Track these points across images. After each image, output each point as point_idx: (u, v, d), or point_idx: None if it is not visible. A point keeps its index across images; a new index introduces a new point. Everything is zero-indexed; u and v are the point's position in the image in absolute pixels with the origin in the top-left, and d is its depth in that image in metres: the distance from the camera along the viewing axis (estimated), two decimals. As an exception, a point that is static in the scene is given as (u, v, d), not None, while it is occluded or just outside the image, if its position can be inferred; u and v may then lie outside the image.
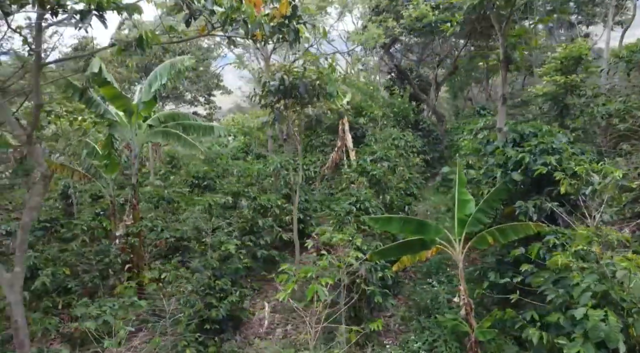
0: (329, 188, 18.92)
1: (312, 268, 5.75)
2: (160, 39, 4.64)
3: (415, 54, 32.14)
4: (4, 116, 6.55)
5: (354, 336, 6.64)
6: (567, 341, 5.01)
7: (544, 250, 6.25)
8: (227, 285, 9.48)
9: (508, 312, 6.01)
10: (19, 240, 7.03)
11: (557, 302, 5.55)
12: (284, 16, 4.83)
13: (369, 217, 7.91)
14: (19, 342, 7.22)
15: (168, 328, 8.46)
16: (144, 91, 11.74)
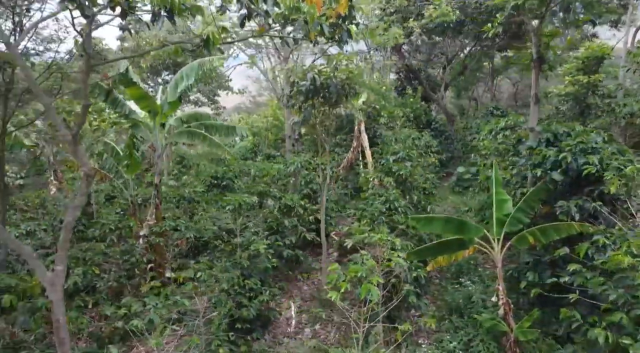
0: (343, 188, 18.93)
1: (361, 268, 5.76)
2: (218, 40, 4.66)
3: (424, 54, 32.19)
4: (52, 116, 6.60)
5: (400, 335, 6.65)
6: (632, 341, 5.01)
7: (593, 249, 6.24)
8: (257, 285, 9.51)
9: (564, 312, 6.00)
10: (62, 239, 7.08)
11: (620, 302, 5.55)
12: (339, 16, 4.86)
13: (412, 217, 7.93)
14: (60, 340, 7.26)
15: (202, 328, 8.49)
16: (169, 91, 11.79)
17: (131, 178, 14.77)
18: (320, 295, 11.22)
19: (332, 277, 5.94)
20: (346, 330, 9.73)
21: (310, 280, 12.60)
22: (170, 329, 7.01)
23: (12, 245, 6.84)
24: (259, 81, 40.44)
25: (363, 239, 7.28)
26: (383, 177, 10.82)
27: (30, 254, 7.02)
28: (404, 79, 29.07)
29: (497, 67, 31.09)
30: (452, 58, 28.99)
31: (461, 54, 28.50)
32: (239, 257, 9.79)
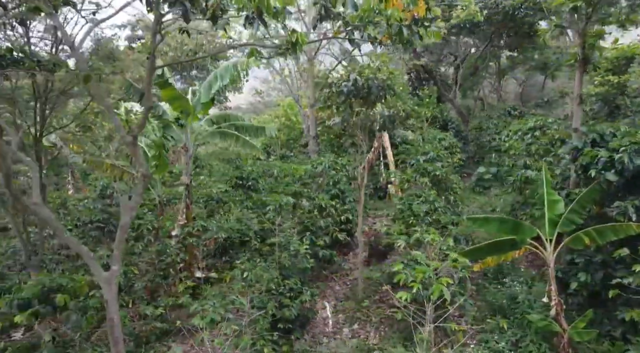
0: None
1: (428, 269, 5.78)
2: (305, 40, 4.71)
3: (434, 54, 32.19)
4: (113, 118, 6.68)
5: (461, 336, 6.67)
6: None
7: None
8: (297, 285, 9.56)
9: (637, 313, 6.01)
10: (118, 240, 7.16)
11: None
12: (414, 19, 4.90)
13: (468, 217, 7.97)
14: (114, 338, 7.35)
15: (247, 327, 8.55)
16: (202, 92, 11.86)
17: (159, 178, 14.88)
18: (355, 295, 11.28)
19: (401, 277, 5.97)
20: (387, 330, 9.78)
21: (341, 279, 12.65)
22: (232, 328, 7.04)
23: (71, 245, 6.92)
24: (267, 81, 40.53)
25: (417, 239, 7.29)
26: (418, 177, 10.84)
27: (88, 254, 7.10)
28: (415, 79, 29.07)
29: (503, 67, 31.07)
30: (464, 58, 28.99)
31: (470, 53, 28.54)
32: (277, 257, 9.85)
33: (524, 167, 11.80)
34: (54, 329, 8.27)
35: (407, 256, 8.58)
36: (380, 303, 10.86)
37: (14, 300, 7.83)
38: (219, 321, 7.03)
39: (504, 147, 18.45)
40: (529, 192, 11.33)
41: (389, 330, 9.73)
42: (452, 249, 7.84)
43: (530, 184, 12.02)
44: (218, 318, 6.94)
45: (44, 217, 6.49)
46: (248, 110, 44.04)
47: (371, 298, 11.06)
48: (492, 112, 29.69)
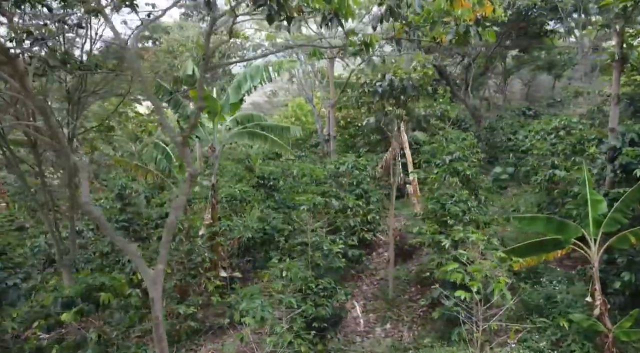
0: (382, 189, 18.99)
1: (482, 267, 5.81)
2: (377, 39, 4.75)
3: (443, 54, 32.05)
4: (162, 118, 6.74)
5: (513, 335, 6.70)
6: None
7: None
8: (330, 284, 9.60)
9: None
10: (164, 239, 7.21)
11: None
12: (474, 20, 4.93)
13: (514, 216, 8.00)
14: (158, 336, 7.40)
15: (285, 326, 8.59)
16: (230, 93, 11.92)
17: (182, 178, 14.96)
18: (385, 294, 11.31)
19: (457, 277, 5.99)
20: (420, 330, 9.80)
21: (368, 279, 12.68)
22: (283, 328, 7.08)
23: (119, 243, 6.98)
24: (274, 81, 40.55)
25: (461, 239, 7.32)
26: (448, 177, 10.86)
27: (135, 252, 7.15)
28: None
29: (509, 67, 31.06)
30: (474, 58, 28.98)
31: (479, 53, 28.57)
32: (310, 257, 9.89)
33: (552, 167, 11.79)
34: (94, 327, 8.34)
35: (445, 255, 8.60)
36: (410, 303, 10.89)
37: (59, 298, 7.93)
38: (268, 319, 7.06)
39: (523, 147, 18.46)
40: (557, 191, 11.33)
41: (422, 330, 9.76)
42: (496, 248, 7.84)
43: (556, 184, 12.03)
44: (269, 316, 6.96)
45: (95, 216, 6.55)
46: (254, 110, 44.11)
47: (401, 298, 11.09)
48: (499, 112, 29.66)
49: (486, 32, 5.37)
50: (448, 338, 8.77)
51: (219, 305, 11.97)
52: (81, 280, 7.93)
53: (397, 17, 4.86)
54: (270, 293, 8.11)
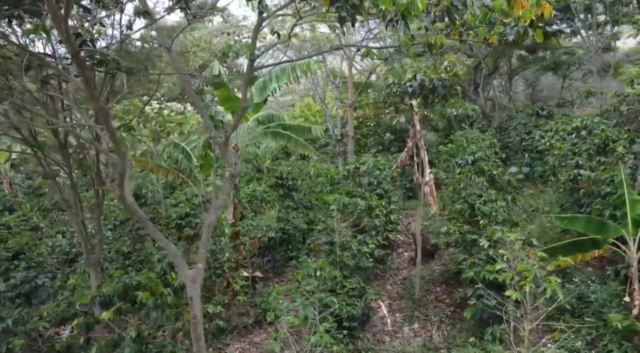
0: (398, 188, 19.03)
1: (530, 267, 5.82)
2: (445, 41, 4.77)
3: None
4: (205, 119, 6.78)
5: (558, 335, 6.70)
6: None
7: None
8: (359, 284, 9.63)
9: None
10: (204, 238, 7.26)
11: None
12: (531, 21, 4.95)
13: (556, 216, 8.03)
14: (197, 335, 7.45)
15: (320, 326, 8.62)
16: (254, 92, 11.96)
17: (202, 178, 15.04)
18: (410, 293, 11.33)
19: (506, 276, 6.02)
20: (449, 330, 9.82)
21: (391, 279, 12.70)
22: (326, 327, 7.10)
23: (160, 242, 7.02)
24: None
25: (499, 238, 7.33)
26: (475, 177, 10.87)
27: (175, 251, 7.21)
28: (437, 79, 29.07)
29: (514, 67, 31.03)
30: (484, 57, 28.94)
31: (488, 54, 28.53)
32: (339, 257, 9.93)
33: (576, 167, 11.79)
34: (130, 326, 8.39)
35: (478, 255, 8.62)
36: (437, 303, 10.91)
37: (96, 297, 7.98)
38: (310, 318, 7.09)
39: (540, 146, 18.44)
40: (583, 191, 11.33)
41: (451, 330, 9.78)
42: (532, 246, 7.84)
43: (578, 184, 12.01)
44: (312, 315, 7.00)
45: (140, 216, 6.60)
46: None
47: (427, 298, 11.11)
48: (504, 112, 29.61)
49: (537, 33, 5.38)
50: (480, 337, 8.80)
51: (241, 305, 12.04)
52: (118, 279, 7.98)
53: (454, 18, 4.89)
54: (301, 292, 8.12)
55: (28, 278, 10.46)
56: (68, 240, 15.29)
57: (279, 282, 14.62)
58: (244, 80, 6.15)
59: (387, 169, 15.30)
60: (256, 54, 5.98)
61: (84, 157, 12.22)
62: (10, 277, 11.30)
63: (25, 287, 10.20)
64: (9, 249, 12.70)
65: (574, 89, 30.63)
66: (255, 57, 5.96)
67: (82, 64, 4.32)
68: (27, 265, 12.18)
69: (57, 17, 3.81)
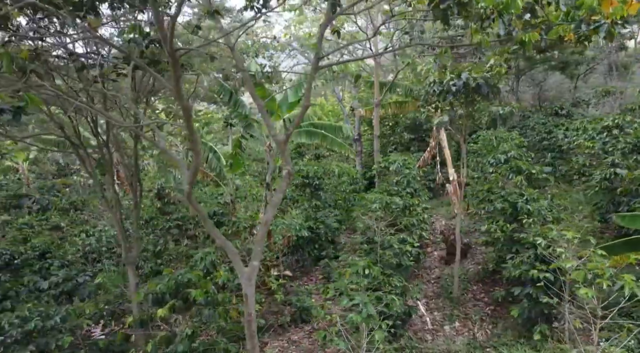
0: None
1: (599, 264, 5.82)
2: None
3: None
4: (265, 117, 6.82)
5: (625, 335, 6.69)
6: None
7: None
8: (401, 282, 9.65)
9: None
10: (259, 236, 7.30)
11: None
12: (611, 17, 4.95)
13: (617, 215, 8.02)
14: (250, 332, 7.50)
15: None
16: (290, 91, 12.02)
17: (232, 177, 15.11)
18: (447, 292, 11.34)
19: (581, 274, 6.02)
20: (491, 328, 9.82)
21: (424, 277, 12.71)
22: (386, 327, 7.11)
23: (218, 240, 7.07)
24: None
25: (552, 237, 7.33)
26: (511, 176, 10.86)
27: (233, 250, 7.25)
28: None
29: (521, 67, 30.91)
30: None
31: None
32: (379, 255, 9.95)
33: (612, 166, 11.76)
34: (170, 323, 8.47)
35: (527, 253, 8.61)
36: (475, 301, 10.91)
37: (149, 294, 8.04)
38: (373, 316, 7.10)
39: (565, 145, 18.39)
40: (620, 190, 11.30)
41: (493, 328, 9.78)
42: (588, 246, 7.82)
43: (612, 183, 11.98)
44: (375, 313, 7.02)
45: (201, 213, 6.65)
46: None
47: (464, 296, 11.11)
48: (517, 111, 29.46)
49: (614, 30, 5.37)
50: (527, 336, 8.80)
51: (276, 303, 12.08)
52: (171, 276, 8.04)
53: (536, 16, 4.89)
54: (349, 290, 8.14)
55: (69, 276, 10.53)
56: (96, 239, 15.40)
57: (308, 281, 14.67)
58: (309, 78, 6.18)
59: (414, 168, 15.31)
60: (322, 52, 6.01)
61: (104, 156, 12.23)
62: (51, 275, 11.42)
63: (68, 285, 10.26)
64: (35, 248, 12.82)
65: (591, 88, 30.48)
66: (322, 55, 5.99)
67: (177, 62, 4.36)
68: (60, 264, 12.29)
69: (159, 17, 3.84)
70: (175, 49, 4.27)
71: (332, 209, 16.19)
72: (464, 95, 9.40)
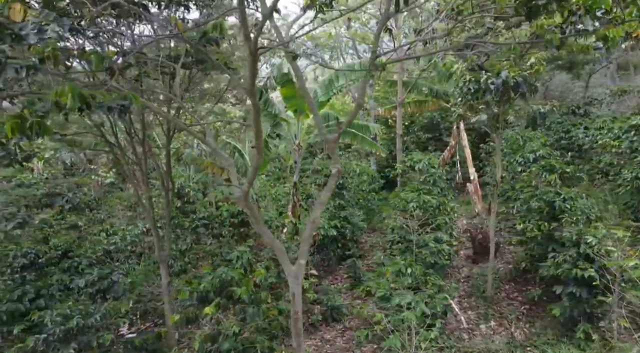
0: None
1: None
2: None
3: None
4: (315, 115, 6.82)
5: None
6: None
7: None
8: (439, 281, 9.64)
9: None
10: (306, 234, 7.31)
11: None
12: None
13: None
14: (297, 330, 7.51)
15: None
16: (319, 90, 12.01)
17: (259, 175, 15.11)
18: (479, 291, 11.30)
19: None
20: (528, 327, 9.79)
21: (454, 276, 12.68)
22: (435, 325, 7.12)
23: (266, 239, 7.08)
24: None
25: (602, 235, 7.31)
26: (544, 174, 10.82)
27: (281, 248, 7.27)
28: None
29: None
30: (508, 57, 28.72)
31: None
32: (416, 254, 9.95)
33: (643, 165, 11.70)
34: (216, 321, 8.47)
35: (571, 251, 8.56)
36: (509, 300, 10.87)
37: (194, 293, 8.06)
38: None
39: (587, 145, 18.29)
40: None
41: (530, 327, 9.74)
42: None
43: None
44: (428, 311, 7.02)
45: (254, 212, 6.67)
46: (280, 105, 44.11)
47: (498, 296, 11.08)
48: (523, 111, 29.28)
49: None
50: (568, 335, 8.77)
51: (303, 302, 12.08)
52: (214, 274, 8.06)
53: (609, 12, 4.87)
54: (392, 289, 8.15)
55: (103, 275, 10.58)
56: (120, 238, 15.45)
57: (333, 280, 14.66)
58: (364, 75, 6.18)
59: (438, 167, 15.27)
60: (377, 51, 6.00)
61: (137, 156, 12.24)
62: (79, 274, 11.48)
63: (104, 284, 10.31)
64: (57, 248, 12.87)
65: (597, 87, 30.31)
66: (380, 53, 5.99)
67: (256, 61, 4.37)
68: (88, 262, 12.35)
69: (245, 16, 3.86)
70: (258, 47, 4.28)
71: (356, 208, 16.19)
72: (500, 93, 9.36)
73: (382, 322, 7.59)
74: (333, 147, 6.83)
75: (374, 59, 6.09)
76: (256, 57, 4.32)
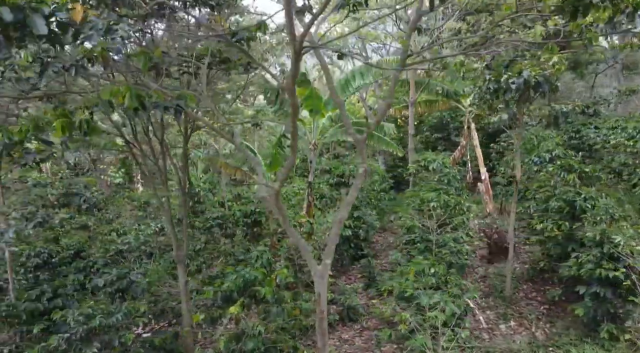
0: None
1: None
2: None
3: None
4: (343, 114, 6.82)
5: None
6: None
7: None
8: (459, 280, 9.62)
9: None
10: (333, 233, 7.31)
11: None
12: None
13: None
14: (322, 330, 7.50)
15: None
16: (338, 89, 11.99)
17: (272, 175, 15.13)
18: (497, 291, 11.28)
19: None
20: (549, 327, 9.77)
21: (470, 276, 12.65)
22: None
23: (293, 239, 7.08)
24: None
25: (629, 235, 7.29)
26: (563, 174, 10.80)
27: (306, 247, 7.27)
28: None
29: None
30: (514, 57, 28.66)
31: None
32: (436, 254, 9.93)
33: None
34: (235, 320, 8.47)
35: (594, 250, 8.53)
36: (528, 300, 10.85)
37: (218, 292, 8.07)
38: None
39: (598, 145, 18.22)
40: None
41: (551, 327, 9.72)
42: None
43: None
44: (458, 310, 7.01)
45: (283, 212, 6.67)
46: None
47: (516, 295, 11.06)
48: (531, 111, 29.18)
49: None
50: (591, 336, 8.74)
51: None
52: (237, 274, 8.06)
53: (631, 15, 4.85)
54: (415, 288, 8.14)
55: (121, 274, 10.60)
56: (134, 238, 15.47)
57: (347, 280, 14.64)
58: (395, 73, 6.18)
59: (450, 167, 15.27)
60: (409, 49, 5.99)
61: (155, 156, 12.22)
62: (94, 274, 11.51)
63: (123, 283, 10.32)
64: (69, 247, 12.90)
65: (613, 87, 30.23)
66: (411, 52, 5.98)
67: (299, 59, 4.37)
68: (104, 262, 12.38)
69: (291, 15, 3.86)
70: (302, 47, 4.29)
71: (369, 208, 16.19)
72: (521, 92, 9.34)
73: (406, 322, 7.57)
74: (362, 147, 6.83)
75: (406, 58, 6.09)
76: (300, 57, 4.33)
